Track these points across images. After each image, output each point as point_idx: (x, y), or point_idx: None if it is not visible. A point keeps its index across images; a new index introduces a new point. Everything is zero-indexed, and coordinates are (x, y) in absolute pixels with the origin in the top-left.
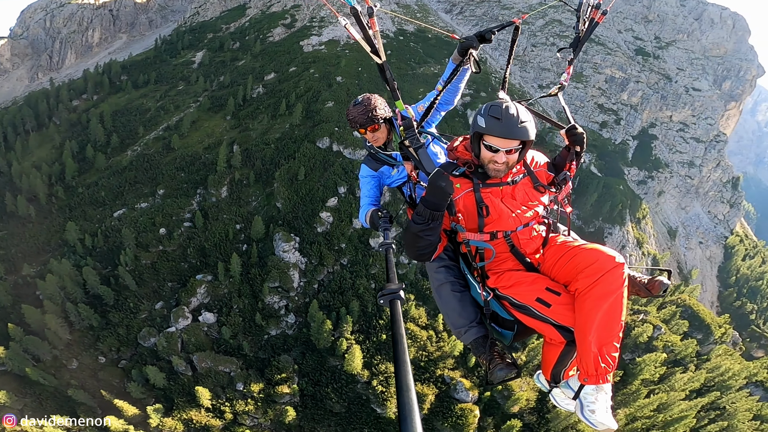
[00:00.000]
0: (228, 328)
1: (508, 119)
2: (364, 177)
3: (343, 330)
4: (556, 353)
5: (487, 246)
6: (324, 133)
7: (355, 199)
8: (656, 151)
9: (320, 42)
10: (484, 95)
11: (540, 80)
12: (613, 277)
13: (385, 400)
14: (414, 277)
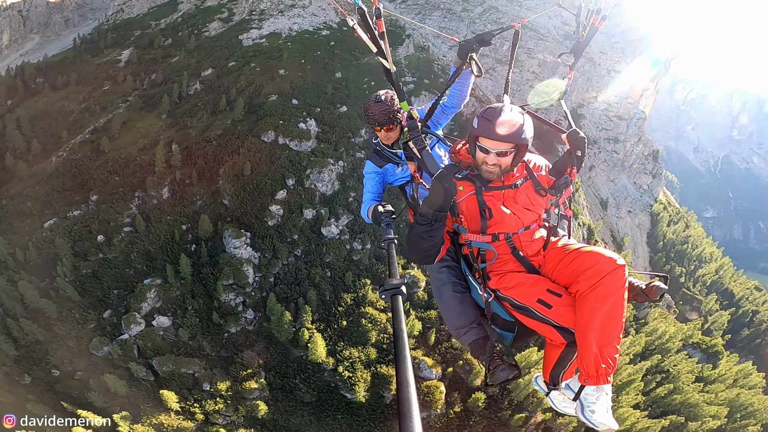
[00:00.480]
0: (185, 330)
1: (501, 121)
2: (369, 173)
3: (303, 320)
4: (556, 354)
5: (489, 248)
6: (268, 127)
7: (304, 190)
8: (585, 129)
9: (261, 35)
10: (427, 82)
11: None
12: (614, 279)
13: (353, 385)
14: (368, 262)
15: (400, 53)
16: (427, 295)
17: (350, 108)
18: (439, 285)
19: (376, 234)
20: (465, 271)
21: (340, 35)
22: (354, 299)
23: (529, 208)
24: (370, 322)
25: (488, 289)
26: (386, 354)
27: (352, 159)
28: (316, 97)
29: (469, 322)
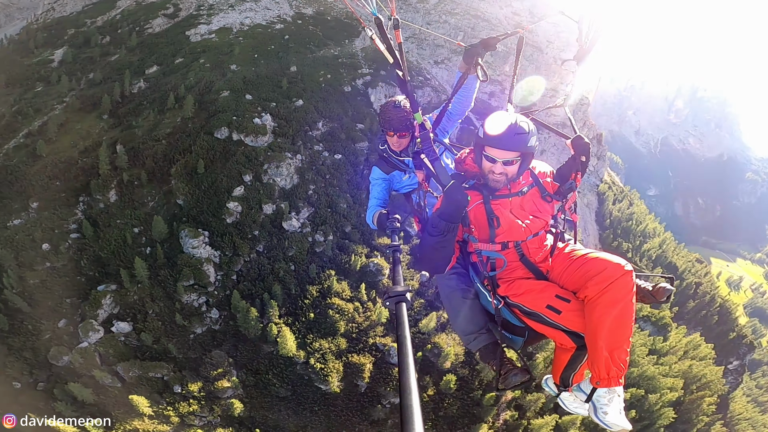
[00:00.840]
0: (148, 334)
1: (507, 131)
2: (375, 179)
3: (270, 315)
4: (566, 358)
5: (498, 256)
6: (221, 124)
7: (262, 185)
8: (535, 115)
9: (210, 31)
10: (384, 73)
11: (435, 56)
12: (622, 285)
13: (326, 376)
14: (332, 253)
15: (357, 45)
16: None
17: (307, 101)
18: (448, 292)
19: (338, 225)
20: (473, 278)
21: (295, 29)
22: (320, 291)
23: (537, 215)
24: (338, 312)
25: (498, 296)
26: (356, 343)
27: (311, 152)
28: (270, 91)
29: (478, 328)
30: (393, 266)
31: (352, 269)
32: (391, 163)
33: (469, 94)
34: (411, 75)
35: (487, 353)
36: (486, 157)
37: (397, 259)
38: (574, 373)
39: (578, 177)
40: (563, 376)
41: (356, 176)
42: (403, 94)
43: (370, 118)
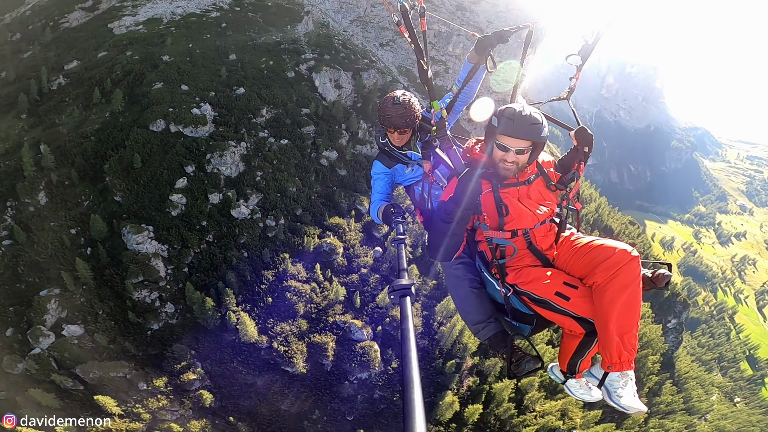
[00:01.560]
0: (102, 335)
1: (520, 119)
2: (378, 174)
3: (227, 304)
4: (575, 344)
5: (508, 243)
6: (156, 116)
7: (206, 175)
8: (479, 93)
9: (137, 22)
10: (328, 57)
11: (380, 39)
12: (630, 269)
13: (291, 358)
14: (284, 237)
15: (299, 30)
16: (347, 261)
17: (248, 89)
18: (455, 281)
19: (288, 209)
20: (480, 267)
21: (233, 16)
22: (275, 275)
23: (543, 203)
24: (296, 294)
25: (506, 285)
26: (317, 323)
27: (256, 139)
28: (208, 81)
29: (487, 317)
30: (398, 260)
31: (306, 251)
32: (394, 157)
33: (476, 84)
34: (356, 57)
35: (497, 342)
36: (498, 145)
37: (401, 253)
38: (582, 360)
39: (581, 167)
40: (571, 363)
41: (304, 160)
42: (423, 81)
43: (315, 102)
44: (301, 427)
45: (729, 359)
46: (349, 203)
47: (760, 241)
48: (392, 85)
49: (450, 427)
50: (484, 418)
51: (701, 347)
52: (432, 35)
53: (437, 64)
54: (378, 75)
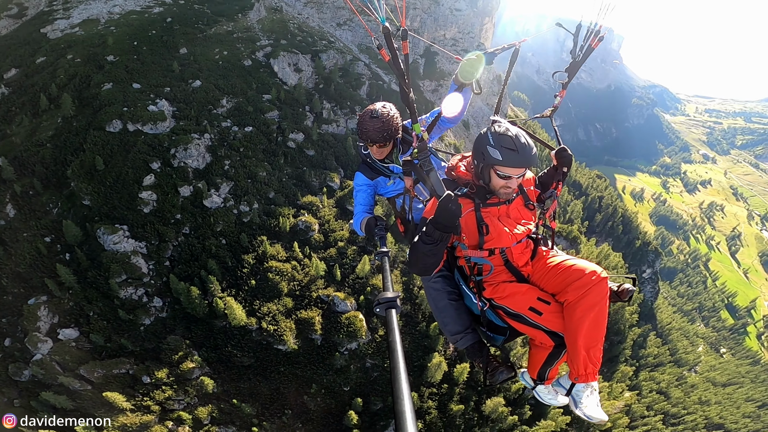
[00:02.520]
0: (98, 335)
1: (522, 150)
2: (360, 185)
3: (213, 291)
4: (544, 355)
5: (486, 262)
6: (111, 117)
7: (173, 170)
8: (440, 64)
9: (72, 25)
10: (285, 42)
11: (337, 19)
12: (599, 290)
13: (281, 336)
14: (259, 220)
15: (252, 18)
16: (323, 236)
17: (205, 81)
18: (434, 294)
19: (261, 193)
20: (459, 280)
21: (178, 10)
22: (255, 258)
23: (521, 222)
24: (278, 274)
25: (483, 299)
26: (301, 300)
27: (219, 129)
28: (161, 77)
29: (464, 328)
30: (383, 273)
31: (283, 231)
32: (376, 170)
33: (464, 105)
34: (314, 40)
35: (474, 351)
36: (500, 175)
37: (385, 266)
38: (551, 369)
39: (559, 187)
40: (540, 372)
41: (271, 144)
42: (405, 104)
43: (276, 88)
44: (302, 402)
45: (709, 308)
46: (320, 181)
47: (726, 187)
48: (353, 64)
49: (442, 388)
50: (474, 377)
51: (681, 297)
52: (389, 10)
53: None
54: (338, 55)
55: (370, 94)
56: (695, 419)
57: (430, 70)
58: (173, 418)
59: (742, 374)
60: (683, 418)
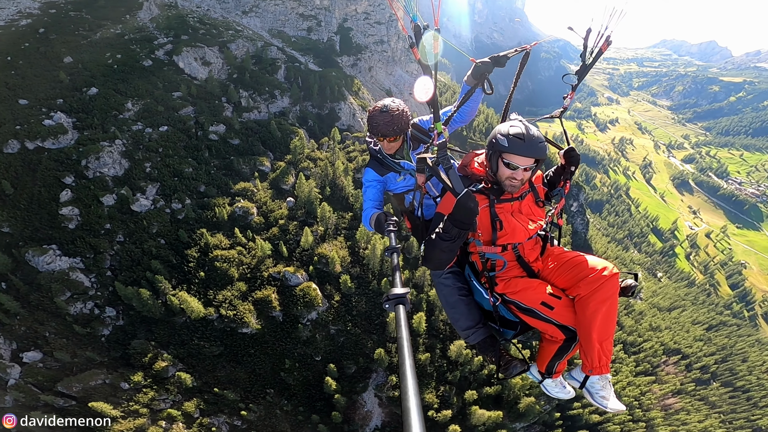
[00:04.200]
0: (62, 352)
1: (530, 139)
2: (370, 181)
3: (163, 290)
4: (554, 349)
5: (500, 258)
6: (6, 137)
7: (90, 181)
8: (355, 39)
9: None
10: (186, 38)
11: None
12: (610, 285)
13: (242, 320)
14: (194, 215)
15: (143, 17)
16: (263, 218)
17: (102, 87)
18: (445, 291)
19: (191, 188)
20: (469, 276)
21: (50, 19)
22: (199, 250)
23: (532, 218)
24: (225, 262)
25: (495, 294)
26: (254, 281)
27: (130, 133)
28: (49, 89)
29: (475, 323)
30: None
31: (221, 220)
32: (386, 165)
33: (475, 105)
34: (219, 31)
35: (485, 346)
36: (506, 164)
37: (396, 262)
38: (559, 363)
39: (567, 185)
40: (549, 365)
41: (192, 140)
42: (429, 103)
43: (186, 84)
44: (280, 379)
45: (638, 234)
46: (251, 167)
47: (631, 123)
48: (266, 50)
49: None
50: (433, 325)
51: (611, 227)
52: None
53: (308, 20)
54: (248, 43)
55: (288, 77)
56: (653, 345)
57: (346, 46)
58: (164, 417)
59: (682, 297)
60: (641, 345)
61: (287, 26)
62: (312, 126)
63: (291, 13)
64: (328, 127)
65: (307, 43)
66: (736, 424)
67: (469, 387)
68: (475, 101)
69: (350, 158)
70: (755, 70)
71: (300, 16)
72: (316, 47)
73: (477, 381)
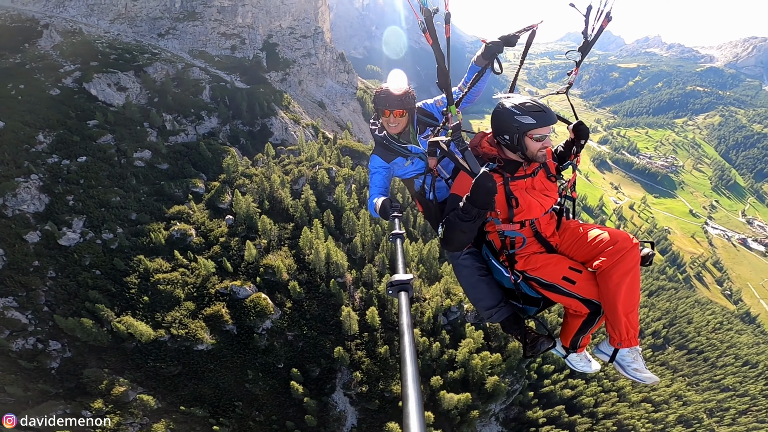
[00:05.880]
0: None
1: (547, 109)
2: (376, 168)
3: (107, 318)
4: (578, 323)
5: (518, 234)
6: None
7: (9, 220)
8: (282, 54)
9: None
10: (96, 63)
11: (157, 30)
12: (633, 255)
13: (195, 336)
14: (127, 242)
15: (44, 45)
16: (203, 237)
17: (8, 120)
18: (464, 271)
19: (121, 217)
20: (487, 255)
21: None
22: (139, 276)
23: (546, 193)
24: (168, 284)
25: (516, 272)
26: (201, 299)
27: (46, 167)
28: None
29: (497, 302)
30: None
31: (158, 245)
32: (394, 150)
33: (483, 85)
34: (132, 55)
35: (509, 324)
36: (535, 138)
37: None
38: (583, 337)
39: (578, 158)
40: (573, 340)
41: (116, 168)
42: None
43: (102, 111)
44: (246, 390)
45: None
46: (184, 190)
47: None
48: (187, 71)
49: (363, 336)
50: (387, 318)
51: None
52: (216, 11)
53: (231, 39)
54: (167, 65)
55: (214, 97)
56: None
57: (273, 62)
58: None
59: None
60: None
61: (209, 46)
62: (244, 144)
63: (212, 33)
64: (261, 144)
65: (232, 62)
66: (703, 385)
67: (434, 373)
68: (483, 81)
69: (286, 171)
70: (646, 56)
71: (222, 35)
72: (241, 65)
73: (440, 367)
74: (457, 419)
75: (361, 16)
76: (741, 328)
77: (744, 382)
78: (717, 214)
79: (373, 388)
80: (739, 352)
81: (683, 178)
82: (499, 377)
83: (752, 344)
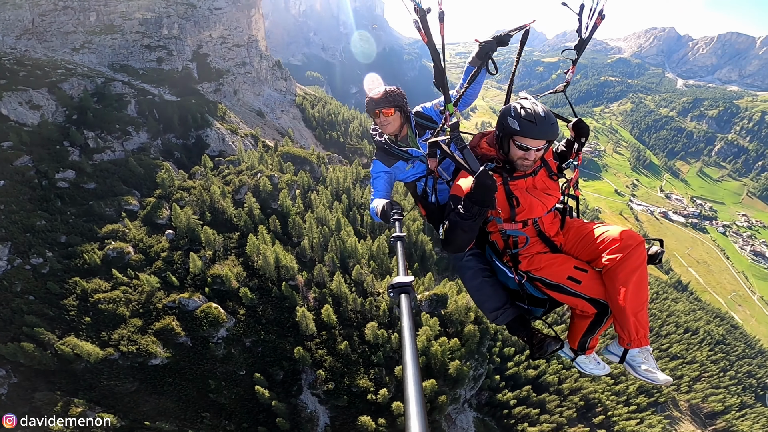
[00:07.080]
0: None
1: (542, 122)
2: (377, 173)
3: (48, 341)
4: (586, 324)
5: (521, 234)
6: None
7: None
8: (214, 64)
9: None
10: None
11: (71, 44)
12: (638, 253)
13: (147, 351)
14: (60, 265)
15: None
16: (142, 254)
17: None
18: (468, 273)
19: (50, 240)
20: (491, 256)
21: None
22: (77, 298)
23: (548, 192)
24: (110, 303)
25: (520, 272)
26: (149, 315)
27: None
28: None
29: (502, 304)
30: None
31: (94, 266)
32: (394, 154)
33: (479, 86)
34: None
35: (516, 326)
36: (519, 146)
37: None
38: (592, 338)
39: (579, 156)
40: (581, 341)
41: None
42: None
43: (15, 132)
44: (211, 401)
45: None
46: (116, 208)
47: (487, 109)
48: (108, 86)
49: (322, 335)
50: (343, 315)
51: None
52: (138, 24)
53: (157, 51)
54: (84, 80)
55: (141, 111)
56: None
57: (205, 72)
58: None
59: None
60: None
61: (132, 59)
62: (179, 157)
63: (134, 46)
64: (197, 156)
65: (159, 74)
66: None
67: (396, 364)
68: (479, 83)
69: (227, 182)
70: None
71: (146, 48)
72: (170, 77)
73: (401, 356)
74: (428, 406)
75: (299, 23)
76: (676, 296)
77: (689, 349)
78: (639, 192)
79: (339, 384)
80: (678, 320)
81: (606, 161)
82: (460, 362)
83: (689, 311)
